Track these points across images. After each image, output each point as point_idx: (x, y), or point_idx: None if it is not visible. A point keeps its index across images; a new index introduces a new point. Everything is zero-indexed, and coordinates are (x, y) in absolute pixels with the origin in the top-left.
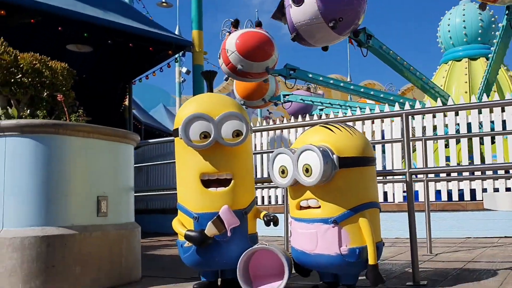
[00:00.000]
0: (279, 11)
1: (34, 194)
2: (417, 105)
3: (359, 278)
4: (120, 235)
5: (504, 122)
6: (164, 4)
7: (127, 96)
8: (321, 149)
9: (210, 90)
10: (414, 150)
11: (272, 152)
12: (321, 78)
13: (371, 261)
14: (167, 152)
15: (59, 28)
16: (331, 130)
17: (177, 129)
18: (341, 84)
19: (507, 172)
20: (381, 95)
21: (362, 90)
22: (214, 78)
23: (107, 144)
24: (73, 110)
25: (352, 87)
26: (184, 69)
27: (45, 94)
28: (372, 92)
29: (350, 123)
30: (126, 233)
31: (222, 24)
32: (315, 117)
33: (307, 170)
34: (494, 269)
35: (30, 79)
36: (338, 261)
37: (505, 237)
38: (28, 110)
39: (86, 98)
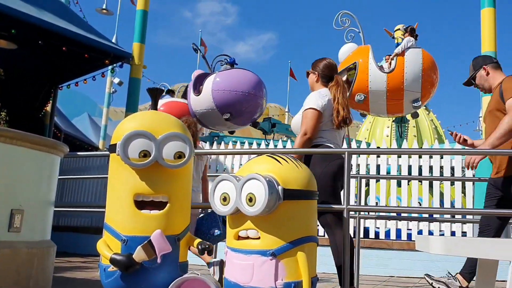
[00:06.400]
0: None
1: None
2: (354, 145)
3: None
4: (32, 254)
5: (431, 168)
6: (104, 11)
7: (50, 101)
8: (267, 179)
9: (155, 108)
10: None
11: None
12: None
13: None
14: (87, 167)
15: None
16: (278, 161)
17: (115, 144)
18: None
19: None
20: None
21: None
22: (160, 95)
23: (32, 153)
24: None
25: None
26: (116, 80)
27: None
28: None
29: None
30: (39, 252)
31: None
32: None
33: (251, 200)
34: None
35: None
36: None
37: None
38: None
39: (1, 98)
